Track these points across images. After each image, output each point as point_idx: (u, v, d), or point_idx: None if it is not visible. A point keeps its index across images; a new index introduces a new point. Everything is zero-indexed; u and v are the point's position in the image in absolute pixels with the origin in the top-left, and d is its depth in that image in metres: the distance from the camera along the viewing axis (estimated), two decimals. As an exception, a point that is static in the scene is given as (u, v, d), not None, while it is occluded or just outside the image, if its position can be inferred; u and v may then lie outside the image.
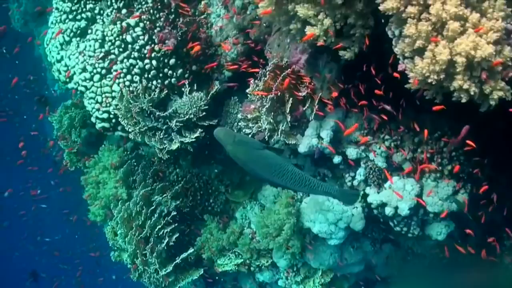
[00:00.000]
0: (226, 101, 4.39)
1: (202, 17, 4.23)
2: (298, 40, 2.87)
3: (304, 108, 3.36)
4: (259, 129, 3.50)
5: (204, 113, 4.05)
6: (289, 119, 3.35)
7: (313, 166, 4.01)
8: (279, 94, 3.29)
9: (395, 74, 2.55)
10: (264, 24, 3.78)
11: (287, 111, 3.32)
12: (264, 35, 3.83)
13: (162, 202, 4.61)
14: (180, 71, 4.07)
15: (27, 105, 9.44)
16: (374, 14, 2.69)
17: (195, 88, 4.10)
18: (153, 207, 4.57)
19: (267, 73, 3.40)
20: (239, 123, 3.75)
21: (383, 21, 2.42)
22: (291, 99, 3.30)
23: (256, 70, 3.68)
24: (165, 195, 4.65)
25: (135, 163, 4.95)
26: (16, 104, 9.90)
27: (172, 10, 4.15)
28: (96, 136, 5.43)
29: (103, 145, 5.13)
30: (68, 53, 4.30)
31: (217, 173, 4.97)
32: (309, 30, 2.57)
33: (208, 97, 4.11)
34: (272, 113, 3.39)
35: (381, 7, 2.19)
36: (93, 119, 4.32)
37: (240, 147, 3.06)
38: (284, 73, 3.25)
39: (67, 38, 4.33)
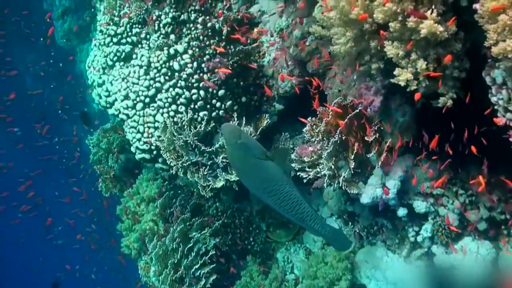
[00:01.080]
0: (275, 136, 4.05)
1: (255, 45, 3.90)
2: (378, 80, 2.51)
3: (371, 154, 2.97)
4: (317, 175, 3.13)
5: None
6: (352, 166, 2.97)
7: (371, 215, 3.60)
8: (343, 137, 2.91)
9: (496, 120, 2.16)
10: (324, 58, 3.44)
11: (351, 157, 2.94)
12: (324, 68, 3.48)
13: (200, 239, 4.29)
14: (229, 102, 3.75)
15: (68, 123, 9.34)
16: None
17: (243, 121, 3.77)
18: (190, 245, 4.24)
19: (329, 112, 3.04)
20: (292, 164, 3.38)
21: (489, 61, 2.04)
22: (356, 144, 2.92)
23: (316, 105, 3.29)
24: (203, 232, 4.32)
25: (173, 195, 4.65)
26: (58, 122, 9.83)
27: (223, 37, 3.86)
28: (134, 162, 5.18)
29: (141, 174, 4.85)
30: (110, 78, 4.05)
31: (259, 210, 4.62)
32: (401, 75, 2.18)
33: (258, 133, 3.77)
34: (334, 158, 3.01)
35: (494, 50, 1.81)
36: (132, 149, 4.05)
37: (239, 151, 2.71)
38: (350, 115, 2.88)
39: (110, 62, 4.09)
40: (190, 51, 3.73)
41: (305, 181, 3.21)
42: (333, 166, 3.00)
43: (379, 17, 2.05)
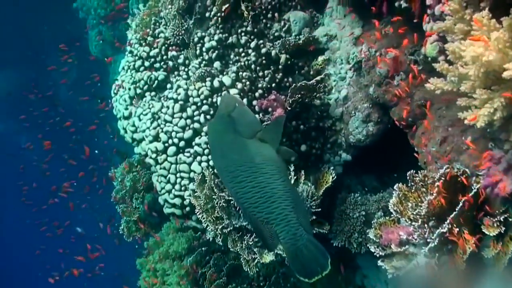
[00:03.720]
0: (340, 195, 3.19)
1: (318, 77, 3.07)
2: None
3: (488, 254, 2.07)
4: (408, 271, 2.25)
5: (314, 216, 2.86)
6: (463, 267, 2.08)
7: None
8: (455, 229, 2.03)
9: None
10: (418, 103, 2.57)
11: (462, 258, 2.05)
12: (414, 117, 2.62)
13: (237, 312, 3.47)
14: (285, 152, 2.93)
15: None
16: None
17: (302, 176, 2.92)
18: (226, 321, 3.43)
19: (433, 185, 2.16)
20: (370, 245, 2.51)
21: None
22: (471, 239, 2.03)
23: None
24: (242, 303, 3.51)
25: (206, 251, 3.83)
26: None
27: (281, 66, 3.05)
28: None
29: (168, 222, 4.06)
30: (139, 111, 3.30)
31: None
32: None
33: (321, 193, 2.91)
34: (437, 254, 2.13)
35: None
36: (160, 201, 3.28)
37: (221, 124, 2.08)
38: (465, 198, 2.00)
39: (139, 91, 3.34)
40: (239, 84, 2.93)
41: (389, 276, 2.34)
42: (435, 266, 2.12)
43: None
